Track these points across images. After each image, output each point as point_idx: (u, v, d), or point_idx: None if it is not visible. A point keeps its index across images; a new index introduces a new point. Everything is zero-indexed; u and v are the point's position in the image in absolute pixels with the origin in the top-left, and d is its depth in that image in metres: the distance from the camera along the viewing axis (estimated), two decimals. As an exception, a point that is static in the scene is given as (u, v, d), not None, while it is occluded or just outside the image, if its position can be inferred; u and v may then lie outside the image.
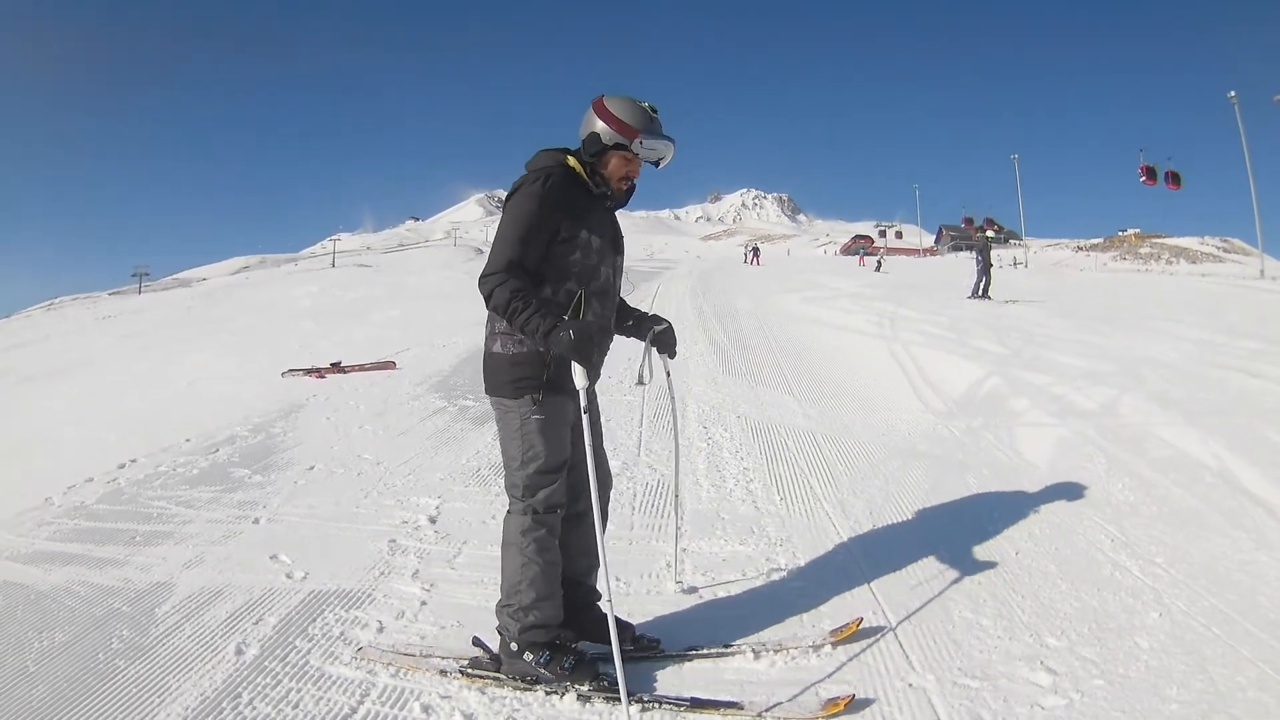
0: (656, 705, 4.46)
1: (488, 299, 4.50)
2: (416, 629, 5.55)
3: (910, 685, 4.68)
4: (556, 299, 4.59)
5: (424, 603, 5.97)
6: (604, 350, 4.81)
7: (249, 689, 4.78)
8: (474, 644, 4.98)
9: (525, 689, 4.66)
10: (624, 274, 5.17)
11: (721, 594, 6.04)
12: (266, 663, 5.09)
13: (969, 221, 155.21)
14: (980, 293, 30.40)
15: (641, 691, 4.58)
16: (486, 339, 4.82)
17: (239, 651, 5.21)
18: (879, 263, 71.75)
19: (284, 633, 5.49)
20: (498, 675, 4.77)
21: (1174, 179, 56.58)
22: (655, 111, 4.71)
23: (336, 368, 17.35)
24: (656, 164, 4.82)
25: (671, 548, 6.62)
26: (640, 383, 5.15)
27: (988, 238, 32.41)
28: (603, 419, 5.34)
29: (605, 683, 4.58)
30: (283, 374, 17.20)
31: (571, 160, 4.70)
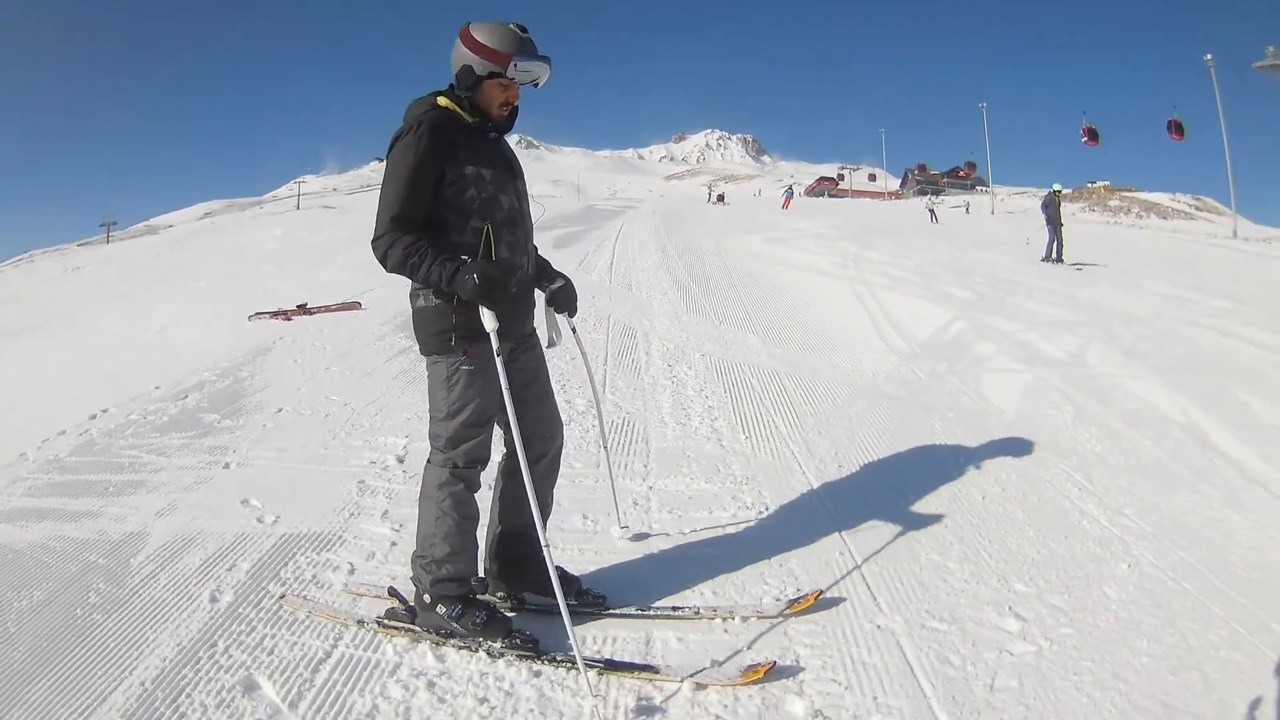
0: (569, 665, 4.43)
1: (383, 261, 4.46)
2: (387, 569, 5.61)
3: (879, 627, 4.76)
4: (464, 239, 4.54)
5: (394, 543, 6.03)
6: (520, 284, 4.78)
7: (224, 637, 4.81)
8: (390, 594, 5.00)
9: (441, 642, 4.68)
10: (530, 197, 5.10)
11: (682, 541, 6.04)
12: (241, 609, 5.12)
13: (922, 168, 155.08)
14: (1054, 255, 26.62)
15: (556, 650, 4.57)
16: (410, 296, 4.75)
17: (213, 599, 5.23)
18: (931, 211, 60.46)
19: (257, 578, 5.53)
20: (412, 627, 4.78)
21: (1176, 129, 56.23)
22: (525, 31, 4.57)
23: (302, 309, 17.36)
24: (534, 84, 4.70)
25: (638, 486, 6.83)
26: (550, 344, 5.00)
27: (1056, 192, 28.64)
28: (553, 360, 5.25)
29: (518, 640, 4.58)
30: (249, 317, 17.16)
31: (443, 100, 4.61)
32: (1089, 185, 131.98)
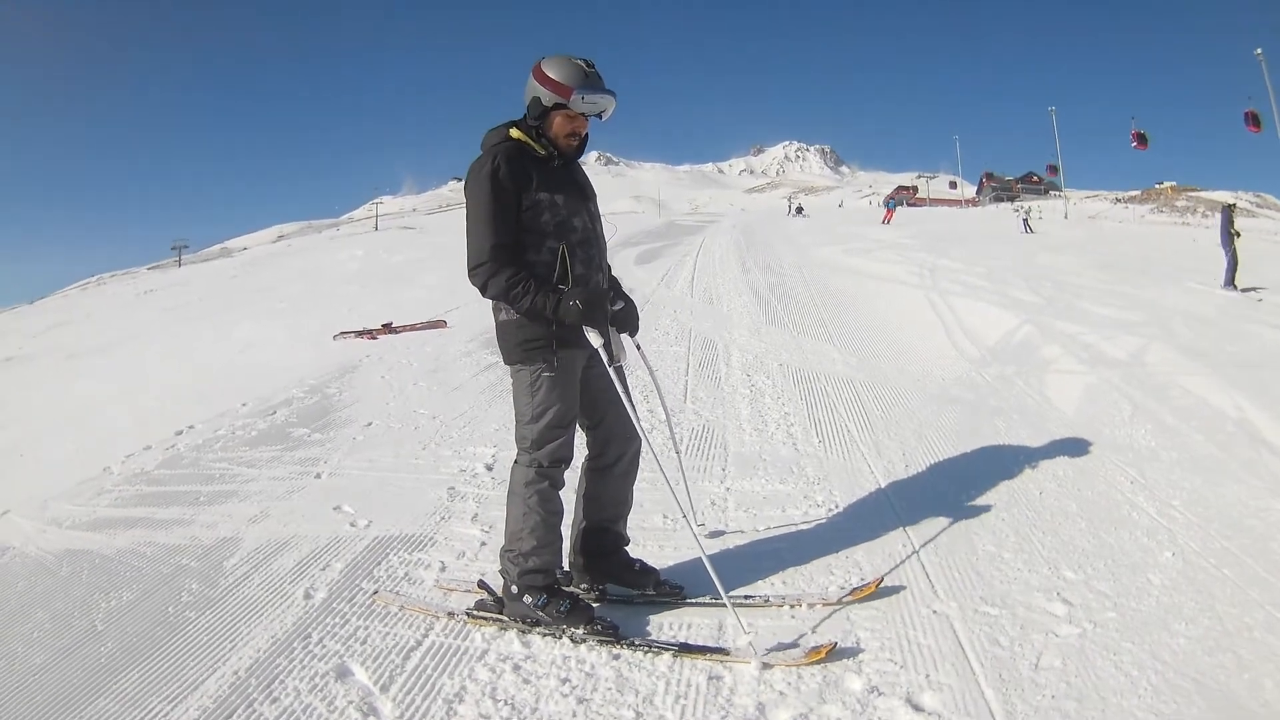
0: (646, 649, 4.68)
1: (483, 290, 4.74)
2: (477, 567, 5.83)
3: (934, 611, 4.96)
4: (542, 258, 4.79)
5: (483, 543, 6.27)
6: (611, 300, 5.08)
7: (319, 629, 5.05)
8: (479, 586, 5.26)
9: (527, 630, 4.90)
10: (604, 218, 5.34)
11: (755, 538, 6.25)
12: (335, 604, 5.37)
13: (989, 175, 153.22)
14: (1231, 281, 21.55)
15: (635, 635, 4.84)
16: (493, 309, 5.02)
17: (307, 596, 5.48)
18: (1025, 221, 55.29)
19: (350, 576, 5.77)
20: (500, 617, 5.02)
21: (1253, 121, 54.68)
22: (592, 66, 4.81)
23: (388, 328, 17.65)
24: (599, 116, 4.95)
25: (716, 488, 7.14)
26: (614, 362, 5.12)
27: (1231, 207, 24.56)
28: (632, 375, 5.45)
29: (599, 626, 4.81)
30: (334, 337, 17.54)
31: (515, 132, 4.87)
32: (1156, 186, 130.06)
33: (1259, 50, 50.74)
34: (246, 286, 40.25)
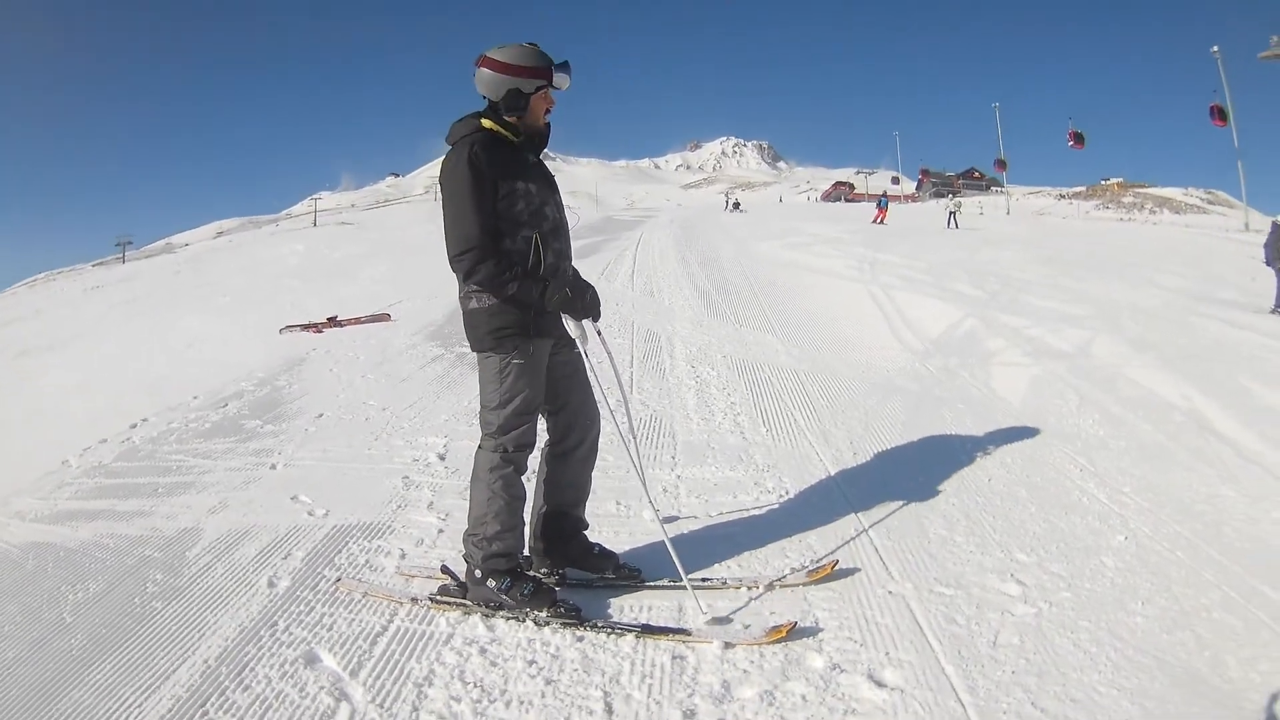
0: (609, 630, 4.78)
1: (468, 275, 4.81)
2: (437, 553, 5.88)
3: (890, 592, 5.09)
4: (516, 247, 4.85)
5: (441, 530, 6.33)
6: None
7: (284, 617, 5.09)
8: (442, 571, 5.33)
9: (491, 614, 4.99)
10: (568, 210, 5.47)
11: (709, 523, 6.36)
12: (299, 592, 5.41)
13: (925, 173, 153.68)
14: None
15: (597, 618, 4.94)
16: (461, 298, 5.06)
17: (271, 584, 5.51)
18: (951, 215, 54.31)
19: (312, 564, 5.81)
20: (463, 601, 5.09)
21: (1219, 115, 54.74)
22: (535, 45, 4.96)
23: (333, 322, 17.71)
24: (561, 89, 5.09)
25: (667, 475, 7.29)
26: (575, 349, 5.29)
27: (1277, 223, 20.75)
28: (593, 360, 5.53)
29: (562, 609, 4.90)
30: (280, 330, 17.58)
31: (487, 122, 4.94)
32: (1102, 183, 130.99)
33: (1215, 48, 51.33)
34: (190, 282, 39.91)
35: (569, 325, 4.90)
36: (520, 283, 4.76)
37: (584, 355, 5.09)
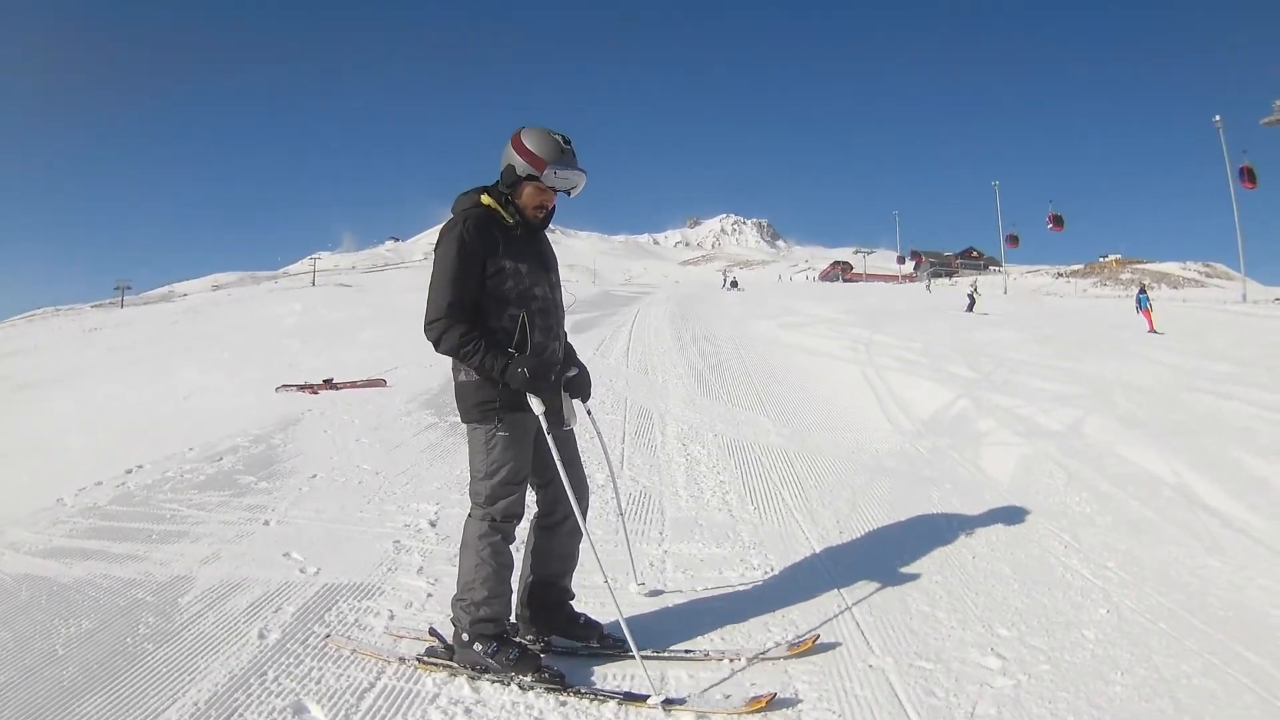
0: (591, 697, 4.84)
1: (436, 344, 4.95)
2: (425, 616, 5.94)
3: (870, 666, 5.14)
4: (503, 325, 5.00)
5: (430, 594, 6.38)
6: (563, 367, 5.30)
7: (274, 668, 5.16)
8: (430, 634, 5.40)
9: (476, 676, 5.05)
10: (564, 287, 5.58)
11: (694, 597, 6.41)
12: (288, 645, 5.48)
13: (915, 253, 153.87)
14: None
15: (580, 684, 4.99)
16: (452, 369, 5.22)
17: (261, 636, 5.59)
18: (971, 298, 50.18)
19: (303, 620, 5.88)
20: (450, 663, 5.16)
21: (1249, 177, 54.04)
22: (569, 143, 5.04)
23: (329, 384, 17.79)
24: (569, 193, 5.19)
25: (654, 550, 7.32)
26: (565, 426, 5.35)
27: None
28: (581, 435, 5.63)
29: (546, 675, 4.95)
30: (276, 389, 17.69)
31: (486, 198, 5.08)
32: (1101, 260, 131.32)
33: (1218, 117, 51.62)
34: (189, 333, 40.08)
35: (533, 404, 4.97)
36: (484, 355, 4.87)
37: (546, 435, 5.09)
